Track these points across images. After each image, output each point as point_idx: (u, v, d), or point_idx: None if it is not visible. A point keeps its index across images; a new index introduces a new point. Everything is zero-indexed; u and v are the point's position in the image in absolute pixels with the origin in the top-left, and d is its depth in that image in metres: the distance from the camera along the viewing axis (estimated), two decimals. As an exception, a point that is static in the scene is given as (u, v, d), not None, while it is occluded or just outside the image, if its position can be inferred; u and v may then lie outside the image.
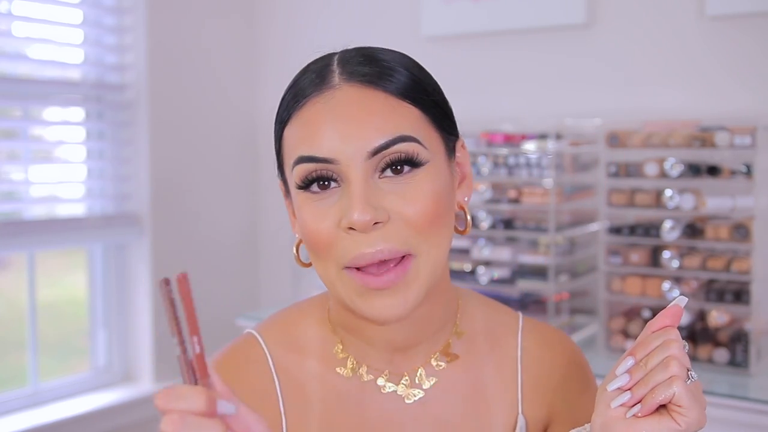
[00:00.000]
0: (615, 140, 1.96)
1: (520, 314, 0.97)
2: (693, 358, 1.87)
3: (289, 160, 0.83)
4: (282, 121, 0.84)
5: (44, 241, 2.30)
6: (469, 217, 0.88)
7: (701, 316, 1.89)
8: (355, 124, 0.79)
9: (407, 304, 0.80)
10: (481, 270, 2.09)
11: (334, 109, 0.80)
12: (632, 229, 1.94)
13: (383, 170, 0.80)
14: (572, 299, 2.20)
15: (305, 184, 0.81)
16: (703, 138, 1.85)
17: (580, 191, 2.17)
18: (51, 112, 2.51)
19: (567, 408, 0.93)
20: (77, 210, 2.48)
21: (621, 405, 0.75)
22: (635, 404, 0.74)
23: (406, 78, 0.82)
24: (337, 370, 0.89)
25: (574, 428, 0.89)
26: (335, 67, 0.83)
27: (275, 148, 0.87)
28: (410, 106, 0.81)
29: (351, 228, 0.78)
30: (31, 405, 2.31)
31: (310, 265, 0.86)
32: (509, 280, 2.11)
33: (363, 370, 0.89)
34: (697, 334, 1.88)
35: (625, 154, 1.98)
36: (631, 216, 2.01)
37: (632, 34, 2.23)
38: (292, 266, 2.68)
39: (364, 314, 0.81)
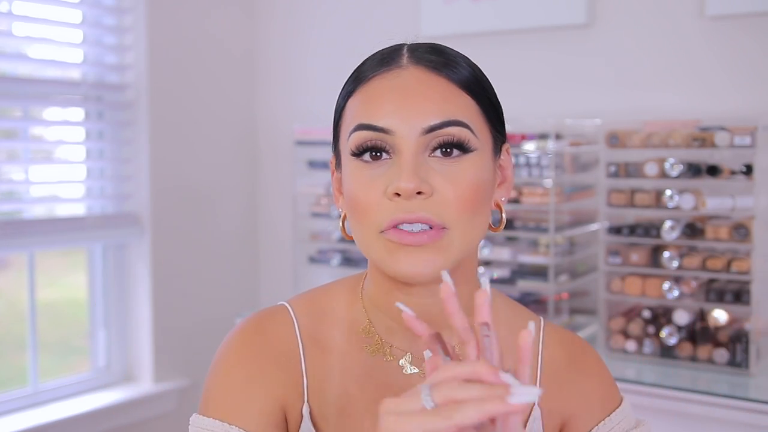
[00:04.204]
0: (615, 140, 1.96)
1: (541, 317, 1.01)
2: (693, 358, 1.87)
3: (347, 128, 0.88)
4: (346, 93, 0.90)
5: (44, 241, 2.30)
6: (504, 216, 0.93)
7: (701, 316, 1.89)
8: (416, 101, 0.85)
9: (435, 264, 0.83)
10: (480, 270, 2.09)
11: (399, 86, 0.86)
12: (632, 229, 1.94)
13: (434, 150, 0.85)
14: (572, 299, 2.20)
15: (359, 152, 0.86)
16: (703, 138, 1.85)
17: (580, 191, 2.17)
18: (51, 112, 2.51)
19: (586, 407, 0.95)
20: (77, 210, 2.48)
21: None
22: None
23: (468, 72, 0.89)
24: (362, 345, 0.93)
25: (593, 427, 0.92)
26: (404, 52, 0.89)
27: (334, 120, 0.92)
28: (468, 97, 0.87)
29: (396, 194, 0.83)
30: (31, 405, 2.31)
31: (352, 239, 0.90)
32: (509, 280, 2.11)
33: (387, 348, 0.92)
34: (697, 334, 1.88)
35: (625, 154, 1.98)
36: (631, 216, 2.01)
37: (632, 34, 2.23)
38: (292, 266, 2.68)
39: (392, 270, 0.84)
